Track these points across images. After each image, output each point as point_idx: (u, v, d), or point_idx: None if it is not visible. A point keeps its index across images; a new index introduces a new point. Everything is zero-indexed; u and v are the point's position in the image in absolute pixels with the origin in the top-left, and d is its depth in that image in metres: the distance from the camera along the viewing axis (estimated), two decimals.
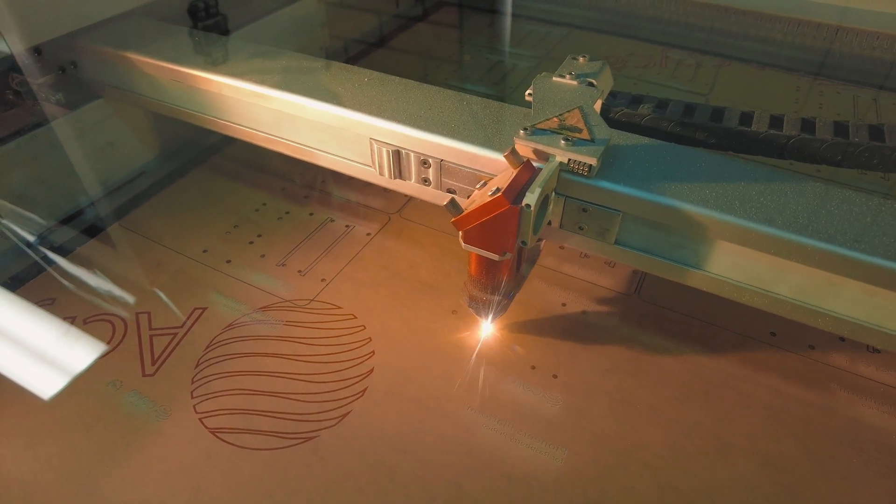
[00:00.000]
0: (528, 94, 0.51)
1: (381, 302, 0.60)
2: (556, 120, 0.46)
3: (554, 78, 0.52)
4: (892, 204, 0.43)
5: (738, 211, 0.42)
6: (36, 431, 0.49)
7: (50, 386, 0.52)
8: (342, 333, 0.57)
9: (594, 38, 1.12)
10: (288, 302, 0.60)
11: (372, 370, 0.53)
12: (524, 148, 0.45)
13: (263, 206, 0.72)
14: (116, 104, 0.72)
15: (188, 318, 0.58)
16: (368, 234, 0.68)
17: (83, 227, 0.69)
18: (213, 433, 0.49)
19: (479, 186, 0.48)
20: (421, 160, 0.52)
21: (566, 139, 0.44)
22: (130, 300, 0.60)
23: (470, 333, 0.57)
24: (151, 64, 0.63)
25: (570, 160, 0.44)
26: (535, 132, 0.45)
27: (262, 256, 0.65)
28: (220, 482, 0.45)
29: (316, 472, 0.46)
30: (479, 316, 0.55)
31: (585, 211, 0.47)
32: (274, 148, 0.62)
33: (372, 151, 0.54)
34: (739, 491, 0.45)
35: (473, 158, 0.49)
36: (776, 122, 0.53)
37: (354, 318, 0.58)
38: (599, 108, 0.52)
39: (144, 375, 0.53)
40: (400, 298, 0.60)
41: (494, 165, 0.48)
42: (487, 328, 0.57)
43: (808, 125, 0.52)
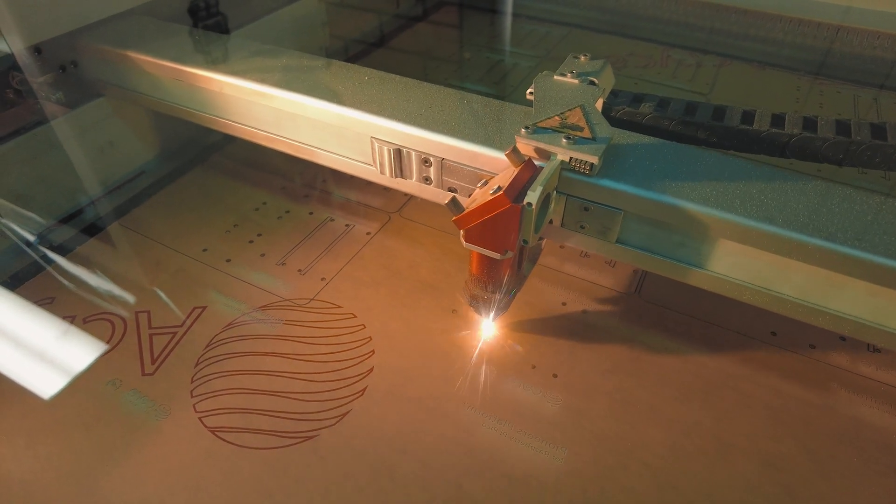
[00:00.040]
0: (529, 92, 0.51)
1: (381, 301, 0.60)
2: (557, 118, 0.46)
3: (555, 77, 0.52)
4: (893, 202, 0.43)
5: (739, 209, 0.42)
6: (36, 431, 0.49)
7: (50, 385, 0.52)
8: (342, 332, 0.57)
9: (594, 37, 1.12)
10: (288, 301, 0.60)
11: (372, 369, 0.53)
12: (525, 146, 0.45)
13: (263, 205, 0.72)
14: (116, 103, 0.72)
15: (188, 317, 0.58)
16: (368, 233, 0.68)
17: (83, 226, 0.69)
18: (212, 432, 0.48)
19: (480, 185, 0.48)
20: (422, 159, 0.52)
21: (568, 138, 0.44)
22: (130, 299, 0.60)
23: (470, 333, 0.57)
24: (152, 63, 0.63)
25: (571, 159, 0.44)
26: (536, 131, 0.45)
27: (261, 255, 0.65)
28: (219, 481, 0.45)
29: (316, 471, 0.46)
30: (479, 314, 0.55)
31: (587, 209, 0.47)
32: (274, 147, 0.62)
33: (373, 150, 0.54)
34: (739, 491, 0.45)
35: (475, 157, 0.49)
36: (778, 120, 0.53)
37: (354, 317, 0.58)
38: (601, 106, 0.52)
39: (144, 374, 0.53)
40: (400, 298, 0.60)
41: (496, 164, 0.48)
42: (487, 327, 0.57)
43: (809, 124, 0.52)
